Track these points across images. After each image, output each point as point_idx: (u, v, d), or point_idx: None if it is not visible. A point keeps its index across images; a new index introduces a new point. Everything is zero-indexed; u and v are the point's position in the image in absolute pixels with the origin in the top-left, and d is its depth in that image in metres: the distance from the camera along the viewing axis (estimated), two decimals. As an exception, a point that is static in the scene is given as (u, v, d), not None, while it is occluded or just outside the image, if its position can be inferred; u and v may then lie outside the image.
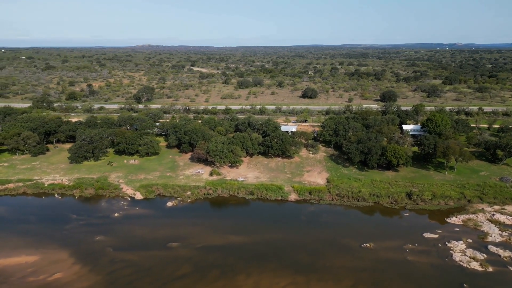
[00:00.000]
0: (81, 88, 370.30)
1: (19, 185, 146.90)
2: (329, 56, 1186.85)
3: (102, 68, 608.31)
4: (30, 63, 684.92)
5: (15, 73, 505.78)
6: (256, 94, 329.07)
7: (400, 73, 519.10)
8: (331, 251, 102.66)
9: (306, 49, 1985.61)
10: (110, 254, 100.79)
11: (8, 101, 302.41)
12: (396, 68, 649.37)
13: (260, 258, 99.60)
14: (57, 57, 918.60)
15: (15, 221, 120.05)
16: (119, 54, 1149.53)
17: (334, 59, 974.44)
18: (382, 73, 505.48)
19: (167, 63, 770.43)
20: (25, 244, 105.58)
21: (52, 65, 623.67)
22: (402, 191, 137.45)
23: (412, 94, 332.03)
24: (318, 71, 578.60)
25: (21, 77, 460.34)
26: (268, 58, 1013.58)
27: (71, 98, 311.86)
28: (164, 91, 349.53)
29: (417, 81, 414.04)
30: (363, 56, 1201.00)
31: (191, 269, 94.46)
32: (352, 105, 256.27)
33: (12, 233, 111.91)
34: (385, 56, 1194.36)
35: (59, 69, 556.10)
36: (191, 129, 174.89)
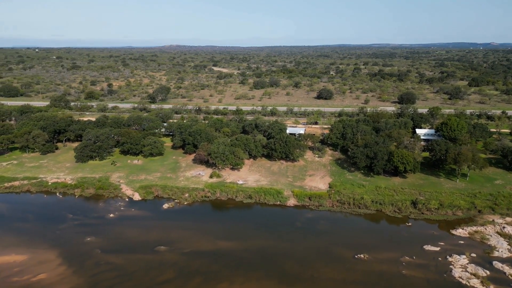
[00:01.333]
0: (101, 88, 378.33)
1: (24, 183, 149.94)
2: (354, 56, 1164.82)
3: (125, 68, 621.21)
4: (58, 62, 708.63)
5: (41, 72, 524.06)
6: (270, 94, 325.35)
7: (425, 74, 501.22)
8: (321, 261, 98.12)
9: (332, 49, 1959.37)
10: (97, 256, 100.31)
11: (29, 100, 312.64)
12: (423, 68, 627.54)
13: (247, 266, 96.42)
14: (86, 57, 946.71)
15: (13, 219, 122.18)
16: (145, 54, 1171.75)
17: (359, 59, 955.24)
18: (406, 74, 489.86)
19: (190, 63, 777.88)
20: (18, 242, 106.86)
21: (78, 64, 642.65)
22: (407, 199, 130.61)
23: (433, 96, 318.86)
24: (340, 71, 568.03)
25: (46, 76, 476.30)
26: (292, 58, 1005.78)
27: (89, 97, 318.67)
28: (180, 91, 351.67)
29: (441, 83, 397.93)
30: (390, 56, 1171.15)
31: (174, 275, 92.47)
32: (366, 107, 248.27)
33: (7, 231, 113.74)
34: (413, 56, 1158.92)
35: (84, 69, 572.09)
36: (195, 130, 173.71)
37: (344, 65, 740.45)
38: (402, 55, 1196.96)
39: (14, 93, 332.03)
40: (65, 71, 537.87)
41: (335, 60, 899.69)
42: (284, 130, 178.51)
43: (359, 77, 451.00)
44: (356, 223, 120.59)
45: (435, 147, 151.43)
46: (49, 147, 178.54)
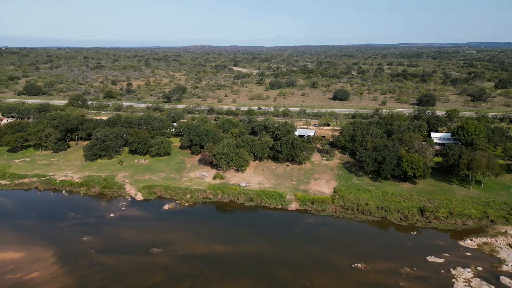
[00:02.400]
0: (121, 87, 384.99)
1: (34, 180, 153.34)
2: (379, 56, 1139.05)
3: (147, 67, 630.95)
4: (84, 62, 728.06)
5: (66, 71, 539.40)
6: (285, 95, 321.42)
7: (451, 75, 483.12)
8: (316, 269, 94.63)
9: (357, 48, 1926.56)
10: (91, 256, 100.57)
11: (50, 98, 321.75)
12: (450, 69, 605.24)
13: (238, 271, 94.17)
14: (112, 57, 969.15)
15: (17, 216, 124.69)
16: (169, 54, 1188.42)
17: (384, 59, 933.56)
18: (431, 75, 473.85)
19: (212, 63, 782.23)
20: (17, 239, 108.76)
21: (102, 64, 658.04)
22: (414, 206, 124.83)
23: (456, 98, 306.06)
24: (361, 71, 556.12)
25: (70, 75, 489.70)
26: (314, 58, 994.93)
27: (107, 97, 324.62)
28: (196, 91, 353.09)
29: (466, 84, 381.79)
30: (416, 56, 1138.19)
31: (164, 278, 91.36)
32: (381, 109, 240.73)
33: (10, 228, 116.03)
34: (441, 55, 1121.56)
35: (107, 68, 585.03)
36: (202, 131, 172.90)
37: (367, 65, 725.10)
38: (430, 55, 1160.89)
39: (37, 92, 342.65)
40: (89, 71, 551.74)
41: (358, 60, 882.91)
42: (292, 132, 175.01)
43: (380, 78, 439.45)
44: (357, 230, 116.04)
45: (448, 152, 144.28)
46: (60, 145, 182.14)
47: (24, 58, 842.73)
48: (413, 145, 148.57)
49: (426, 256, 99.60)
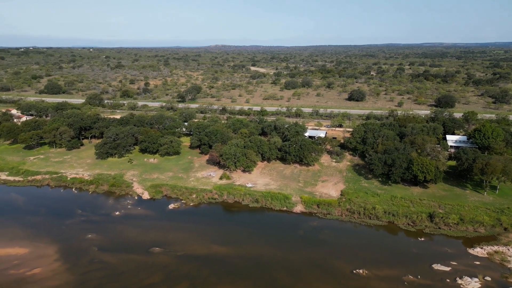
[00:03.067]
0: (138, 86, 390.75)
1: (46, 177, 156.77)
2: (402, 56, 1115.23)
3: (165, 67, 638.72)
4: (105, 62, 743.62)
5: (87, 71, 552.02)
6: (300, 95, 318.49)
7: (474, 75, 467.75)
8: (315, 274, 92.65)
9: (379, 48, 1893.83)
10: (93, 254, 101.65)
11: (69, 97, 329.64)
12: (474, 69, 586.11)
13: (236, 273, 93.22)
14: (133, 56, 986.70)
15: (26, 212, 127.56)
16: (189, 54, 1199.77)
17: (405, 59, 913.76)
18: (453, 75, 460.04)
19: (230, 63, 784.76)
20: (24, 235, 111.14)
21: (122, 64, 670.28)
22: (424, 212, 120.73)
23: (477, 99, 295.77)
24: (381, 71, 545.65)
25: (91, 74, 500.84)
26: (334, 58, 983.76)
27: (124, 96, 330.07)
28: (212, 90, 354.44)
29: (489, 85, 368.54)
30: (440, 55, 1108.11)
31: (162, 278, 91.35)
32: (397, 110, 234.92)
33: (18, 224, 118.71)
34: (466, 55, 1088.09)
35: (127, 68, 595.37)
36: (211, 130, 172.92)
37: (387, 65, 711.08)
38: (454, 55, 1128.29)
39: (57, 91, 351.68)
40: (109, 70, 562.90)
41: (379, 60, 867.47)
42: (301, 133, 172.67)
43: (400, 78, 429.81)
44: (362, 235, 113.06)
45: (461, 155, 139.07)
46: (74, 143, 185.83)
47: (49, 58, 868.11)
48: (425, 148, 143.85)
49: (432, 264, 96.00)
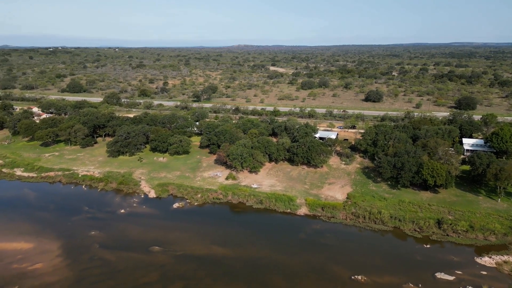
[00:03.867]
0: (157, 85, 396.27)
1: (58, 174, 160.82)
2: (427, 56, 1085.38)
3: (186, 67, 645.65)
4: (128, 61, 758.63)
5: (110, 70, 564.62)
6: (316, 95, 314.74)
7: (502, 76, 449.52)
8: (312, 279, 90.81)
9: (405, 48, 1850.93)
10: (94, 251, 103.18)
11: (89, 96, 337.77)
12: (503, 70, 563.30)
13: (232, 275, 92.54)
14: (156, 56, 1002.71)
15: (36, 208, 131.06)
16: (211, 54, 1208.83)
17: (431, 59, 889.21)
18: (479, 76, 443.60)
19: (250, 63, 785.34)
20: (31, 230, 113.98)
21: (144, 63, 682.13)
22: (432, 217, 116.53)
23: (500, 101, 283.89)
24: (403, 72, 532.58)
25: (113, 74, 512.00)
26: (356, 58, 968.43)
27: (142, 95, 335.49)
28: (227, 90, 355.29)
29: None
30: (468, 55, 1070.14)
31: (157, 278, 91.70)
32: (414, 112, 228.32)
33: (26, 219, 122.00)
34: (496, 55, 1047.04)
35: (147, 67, 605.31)
36: (220, 130, 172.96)
37: (411, 65, 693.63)
38: (483, 55, 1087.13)
39: (78, 89, 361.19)
40: (130, 70, 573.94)
41: (403, 60, 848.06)
42: (310, 134, 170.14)
43: (422, 79, 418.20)
44: (366, 240, 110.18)
45: (475, 160, 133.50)
46: (88, 141, 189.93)
47: (75, 57, 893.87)
48: (437, 151, 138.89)
49: (435, 273, 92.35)
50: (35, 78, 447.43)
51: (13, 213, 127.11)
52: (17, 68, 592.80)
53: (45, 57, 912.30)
